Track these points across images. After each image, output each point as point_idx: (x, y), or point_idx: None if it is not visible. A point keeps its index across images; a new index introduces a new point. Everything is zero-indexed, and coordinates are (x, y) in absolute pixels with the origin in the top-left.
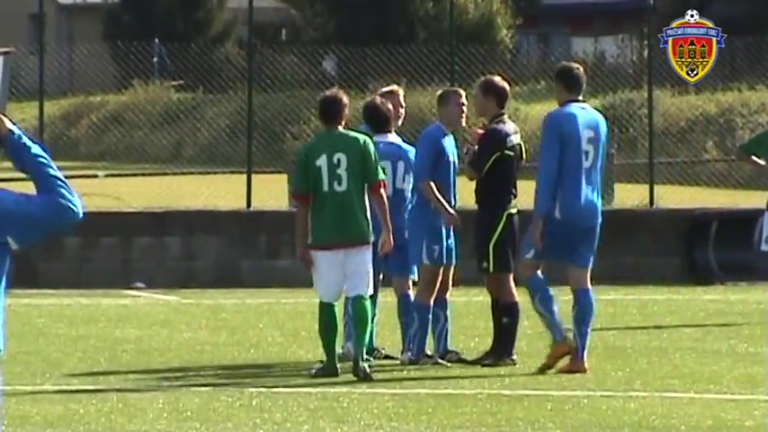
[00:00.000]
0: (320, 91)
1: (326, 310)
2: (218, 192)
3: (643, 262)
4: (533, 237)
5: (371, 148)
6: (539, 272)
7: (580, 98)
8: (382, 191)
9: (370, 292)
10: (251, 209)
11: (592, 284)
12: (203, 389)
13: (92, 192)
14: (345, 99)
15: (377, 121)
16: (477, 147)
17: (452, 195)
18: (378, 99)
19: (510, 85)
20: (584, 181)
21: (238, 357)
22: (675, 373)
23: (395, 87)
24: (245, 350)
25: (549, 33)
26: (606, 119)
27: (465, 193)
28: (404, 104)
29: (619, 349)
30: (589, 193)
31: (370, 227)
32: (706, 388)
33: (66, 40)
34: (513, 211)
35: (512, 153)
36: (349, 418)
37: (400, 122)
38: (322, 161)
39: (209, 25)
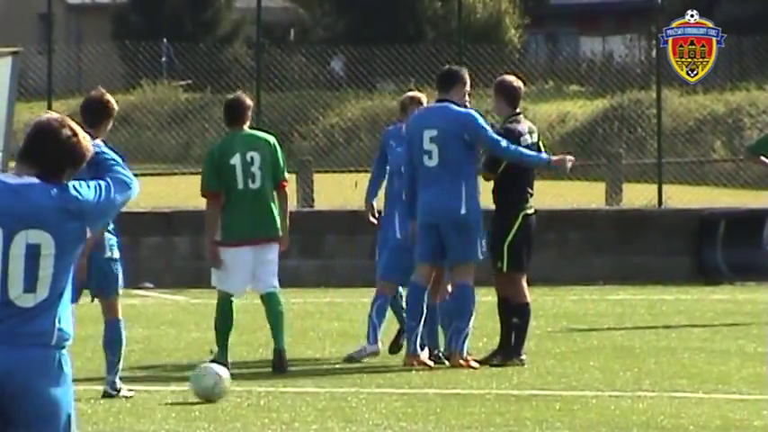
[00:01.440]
0: (329, 91)
1: (227, 305)
2: None
3: (651, 262)
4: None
5: (279, 148)
6: None
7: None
8: (287, 189)
9: (278, 286)
10: None
11: (602, 284)
12: None
13: None
14: (249, 101)
15: None
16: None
17: None
18: None
19: None
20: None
21: (247, 357)
22: (684, 373)
23: (417, 94)
24: (253, 350)
25: (558, 33)
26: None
27: (484, 193)
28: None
29: (627, 349)
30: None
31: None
32: (714, 388)
33: (74, 40)
34: (530, 211)
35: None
36: (357, 418)
37: None
38: (236, 160)
39: (218, 25)
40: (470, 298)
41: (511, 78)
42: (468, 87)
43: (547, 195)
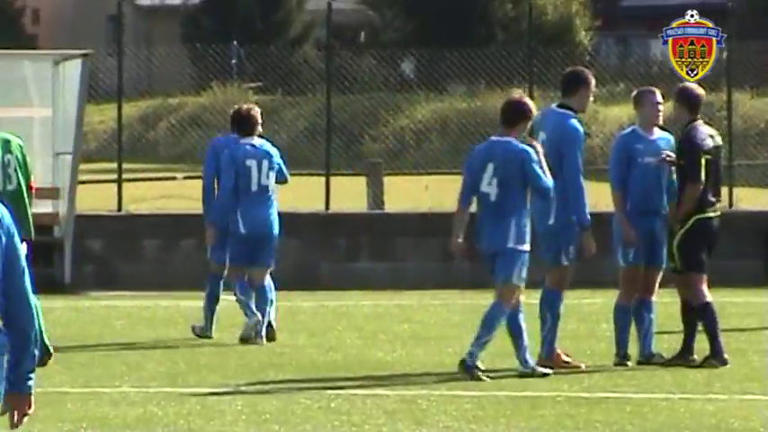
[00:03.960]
0: (399, 93)
1: None
2: (297, 194)
3: (721, 264)
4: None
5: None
6: None
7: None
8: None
9: None
10: (330, 211)
11: (664, 287)
12: (282, 391)
13: (170, 194)
14: None
15: (243, 125)
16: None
17: (661, 199)
18: (244, 106)
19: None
20: None
21: (317, 359)
22: (754, 376)
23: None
24: (323, 352)
25: (628, 35)
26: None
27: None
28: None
29: (697, 351)
30: None
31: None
32: None
33: (144, 43)
34: (712, 214)
35: (709, 156)
36: (427, 421)
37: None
38: None
39: (288, 27)
40: (551, 303)
41: (693, 86)
42: (592, 89)
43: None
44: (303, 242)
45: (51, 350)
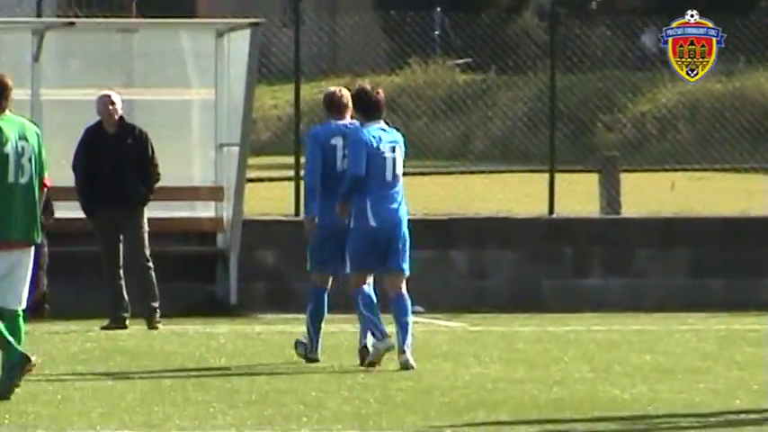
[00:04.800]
0: (639, 72)
1: None
2: (513, 195)
3: None
4: None
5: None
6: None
7: None
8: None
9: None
10: (554, 215)
11: None
12: None
13: None
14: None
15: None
16: None
17: None
18: (367, 87)
19: None
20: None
21: (538, 397)
22: None
23: None
24: (546, 388)
25: None
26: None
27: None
28: None
29: None
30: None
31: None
32: None
33: (327, 10)
34: None
35: None
36: None
37: None
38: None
39: None
40: None
41: None
42: None
43: None
44: (521, 253)
45: (32, 358)
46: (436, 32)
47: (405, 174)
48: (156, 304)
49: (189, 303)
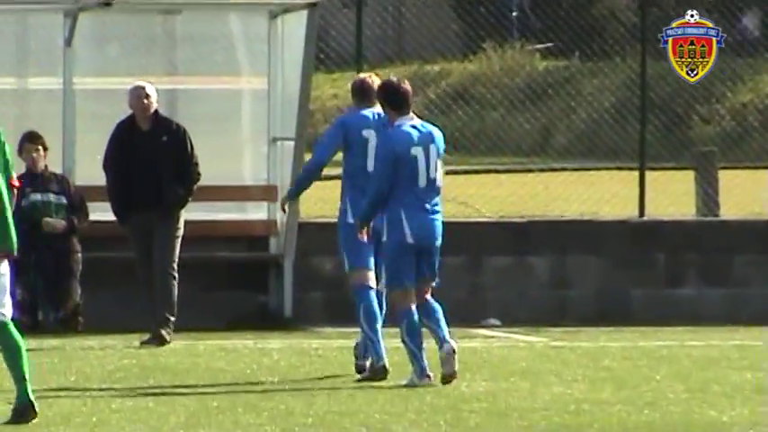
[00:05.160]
0: (739, 58)
1: None
2: (599, 195)
3: None
4: None
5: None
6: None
7: None
8: None
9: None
10: (645, 218)
11: None
12: None
13: None
14: None
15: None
16: None
17: None
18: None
19: None
20: None
21: (626, 420)
22: None
23: None
24: (636, 410)
25: None
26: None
27: None
28: None
29: None
30: None
31: None
32: None
33: None
34: None
35: None
36: None
37: None
38: None
39: None
40: None
41: None
42: None
43: None
44: (608, 260)
45: (36, 407)
46: (514, 13)
47: (477, 171)
48: (173, 318)
49: (238, 315)
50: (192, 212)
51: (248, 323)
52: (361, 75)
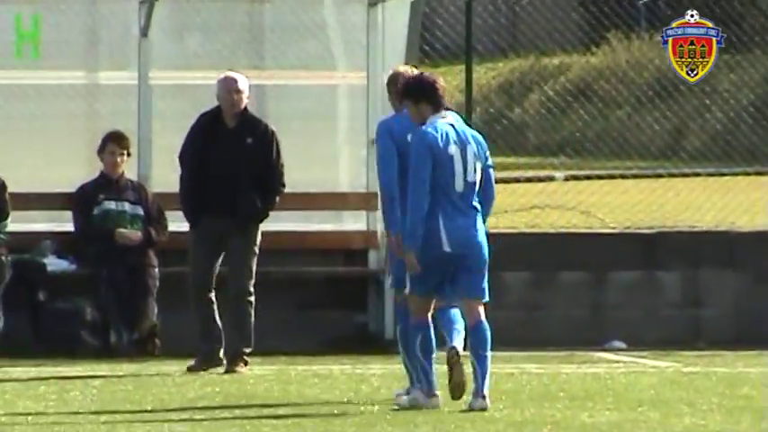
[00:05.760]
0: None
1: None
2: (737, 203)
3: None
4: None
5: None
6: None
7: None
8: None
9: None
10: None
11: None
12: None
13: (546, 202)
14: None
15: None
16: None
17: None
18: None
19: None
20: None
21: None
22: None
23: None
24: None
25: None
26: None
27: None
28: None
29: None
30: None
31: None
32: None
33: None
34: None
35: None
36: None
37: None
38: None
39: None
40: None
41: None
42: None
43: None
44: (747, 276)
45: None
46: (641, 2)
47: (601, 177)
48: (248, 350)
49: (334, 337)
50: (283, 223)
51: (345, 346)
52: (400, 68)
